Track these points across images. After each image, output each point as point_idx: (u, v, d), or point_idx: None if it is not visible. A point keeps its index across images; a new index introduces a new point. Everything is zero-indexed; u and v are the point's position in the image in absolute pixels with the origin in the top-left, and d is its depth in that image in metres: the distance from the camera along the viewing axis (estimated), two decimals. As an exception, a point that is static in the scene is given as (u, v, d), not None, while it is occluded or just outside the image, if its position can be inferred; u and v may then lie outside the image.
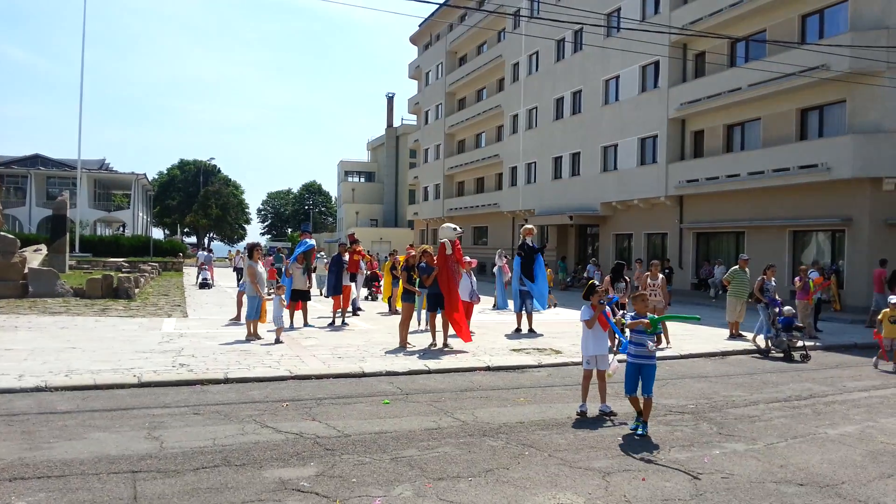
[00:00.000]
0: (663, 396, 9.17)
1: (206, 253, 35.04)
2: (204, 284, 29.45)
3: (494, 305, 21.08)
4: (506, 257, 20.46)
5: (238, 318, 15.83)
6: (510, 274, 19.87)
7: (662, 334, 13.49)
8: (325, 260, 23.01)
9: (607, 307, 8.11)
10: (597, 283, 8.10)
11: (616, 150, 33.92)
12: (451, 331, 13.00)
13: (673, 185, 29.96)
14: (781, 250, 25.76)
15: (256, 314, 13.25)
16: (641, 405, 7.32)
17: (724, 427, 7.68)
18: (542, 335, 14.76)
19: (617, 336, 8.30)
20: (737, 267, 15.36)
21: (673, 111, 29.94)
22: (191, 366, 10.16)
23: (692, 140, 30.35)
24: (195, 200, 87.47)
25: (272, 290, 14.59)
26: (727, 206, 28.08)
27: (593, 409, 8.07)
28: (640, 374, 7.34)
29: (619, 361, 8.38)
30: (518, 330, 15.13)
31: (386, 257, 25.04)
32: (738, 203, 27.50)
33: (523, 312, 15.27)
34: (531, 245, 15.26)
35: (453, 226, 13.10)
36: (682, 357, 12.64)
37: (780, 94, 25.50)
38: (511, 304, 20.73)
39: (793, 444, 7.05)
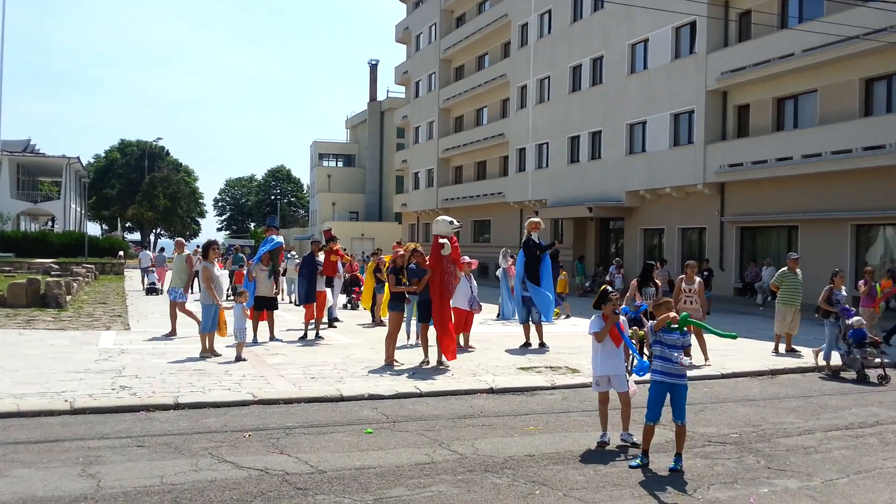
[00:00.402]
0: (700, 424, 9.19)
1: (150, 253, 35.34)
2: (151, 290, 29.73)
3: (499, 315, 21.10)
4: (512, 257, 20.44)
5: (173, 332, 15.71)
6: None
7: (701, 349, 13.51)
8: (297, 261, 23.00)
9: (622, 318, 8.03)
10: (610, 289, 8.03)
11: (644, 128, 33.99)
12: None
13: (712, 171, 30.03)
14: (842, 248, 25.84)
15: (213, 326, 13.22)
16: (674, 434, 7.33)
17: (773, 460, 7.70)
18: (548, 350, 14.77)
19: (631, 354, 8.28)
20: (785, 269, 15.38)
21: (712, 82, 30.01)
22: (134, 388, 10.13)
23: (735, 116, 30.42)
24: (139, 189, 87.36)
25: (231, 297, 14.58)
26: (777, 195, 28.16)
27: (617, 439, 8.08)
28: (671, 396, 7.33)
29: (636, 382, 8.39)
30: (527, 344, 15.14)
31: (368, 257, 25.05)
32: (791, 192, 27.57)
33: (531, 323, 15.29)
34: (537, 242, 15.25)
35: (449, 219, 13.07)
36: (723, 376, 12.66)
37: (841, 61, 25.57)
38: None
39: (856, 481, 7.06)
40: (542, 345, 15.11)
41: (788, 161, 26.79)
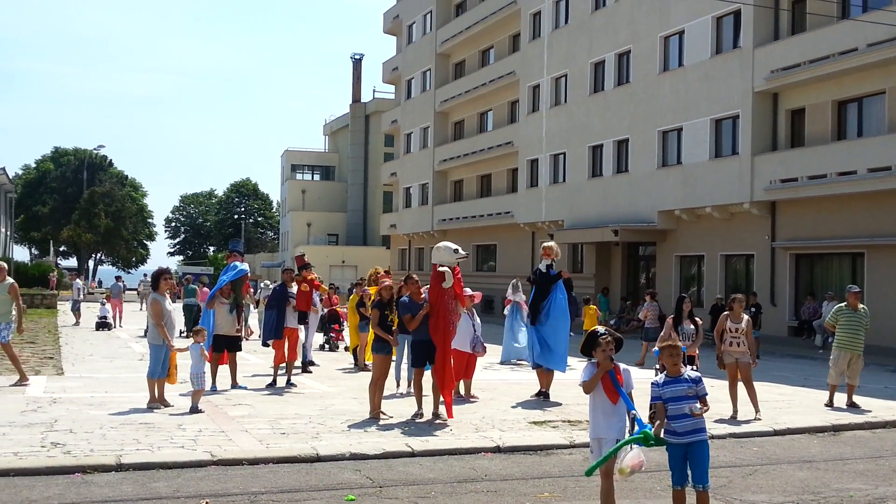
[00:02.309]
0: (749, 490, 9.15)
1: (81, 283, 35.82)
2: (102, 324, 30.30)
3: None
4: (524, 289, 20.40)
5: (23, 379, 15.42)
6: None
7: (751, 400, 13.48)
8: (267, 292, 23.01)
9: (622, 366, 7.50)
10: (601, 330, 7.51)
11: (680, 136, 34.14)
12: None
13: (761, 187, 30.13)
14: (917, 280, 25.87)
15: (163, 371, 13.19)
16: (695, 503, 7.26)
17: (838, 535, 7.65)
18: (549, 399, 14.74)
19: (630, 414, 7.33)
20: (843, 304, 15.36)
21: (760, 82, 30.20)
22: (68, 445, 10.07)
23: (788, 122, 30.57)
24: (76, 207, 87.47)
25: (186, 335, 14.54)
26: (839, 216, 28.22)
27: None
28: (689, 456, 7.22)
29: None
30: (541, 394, 15.13)
31: (351, 289, 25.06)
32: (855, 212, 27.64)
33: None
34: (544, 271, 15.26)
35: (454, 246, 12.98)
36: (775, 433, 12.62)
37: (912, 58, 25.75)
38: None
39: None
40: (543, 394, 15.06)
41: (852, 175, 26.88)
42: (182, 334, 23.27)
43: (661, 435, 7.17)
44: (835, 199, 28.19)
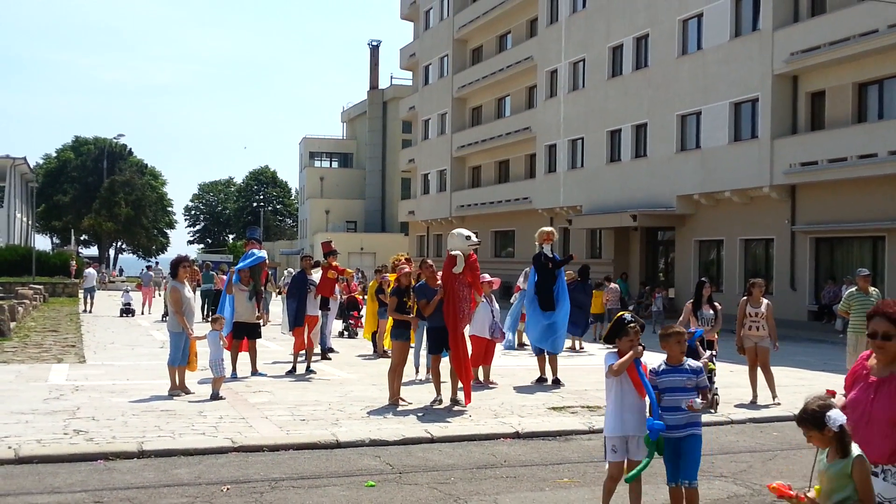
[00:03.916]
0: (770, 475, 9.10)
1: (94, 271, 36.71)
2: (126, 311, 30.91)
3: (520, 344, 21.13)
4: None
5: None
6: None
7: (769, 385, 13.43)
8: (289, 280, 23.08)
9: (643, 360, 7.11)
10: (628, 317, 7.19)
11: (699, 120, 33.95)
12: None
13: (781, 171, 29.94)
14: (939, 263, 25.67)
15: (183, 359, 13.27)
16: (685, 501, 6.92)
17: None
18: (563, 386, 14.72)
19: (649, 401, 6.96)
20: (854, 289, 15.25)
21: (780, 64, 29.97)
22: (90, 433, 10.15)
23: (808, 105, 30.34)
24: (96, 196, 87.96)
25: (204, 320, 14.58)
26: (859, 199, 28.02)
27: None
28: (680, 449, 6.86)
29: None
30: (542, 380, 15.12)
31: (359, 275, 25.05)
32: (875, 195, 27.43)
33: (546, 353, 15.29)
34: (550, 256, 15.21)
35: (467, 233, 13.05)
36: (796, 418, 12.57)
37: (934, 39, 25.49)
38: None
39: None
40: (556, 381, 15.05)
41: (873, 158, 26.67)
42: (204, 319, 23.39)
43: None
44: (855, 183, 27.98)
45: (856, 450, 4.73)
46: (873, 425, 4.95)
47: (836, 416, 4.71)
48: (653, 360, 7.15)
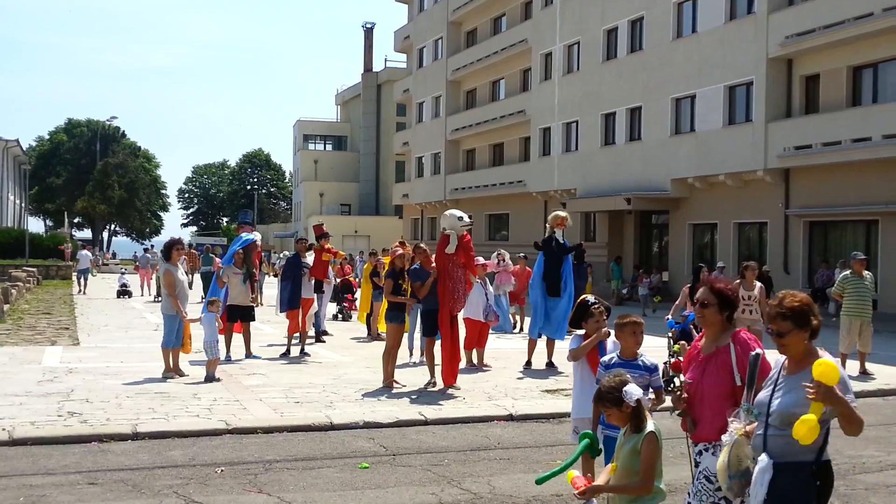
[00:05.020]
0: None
1: (87, 253, 37.17)
2: (123, 292, 31.33)
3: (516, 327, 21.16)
4: (524, 257, 20.39)
5: None
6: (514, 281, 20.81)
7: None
8: (281, 262, 23.09)
9: (607, 343, 7.00)
10: (591, 299, 7.12)
11: (693, 103, 33.91)
12: (463, 362, 12.99)
13: (775, 154, 29.94)
14: (931, 247, 25.73)
15: (177, 341, 13.27)
16: None
17: (850, 501, 7.68)
18: (557, 370, 14.74)
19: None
20: (848, 272, 15.29)
21: (775, 47, 29.91)
22: (84, 415, 10.17)
23: (802, 89, 30.32)
24: (89, 178, 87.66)
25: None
26: (853, 183, 28.04)
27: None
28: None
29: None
30: (529, 363, 15.15)
31: (351, 258, 25.03)
32: (869, 178, 27.45)
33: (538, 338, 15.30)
34: (561, 242, 15.19)
35: (459, 213, 13.02)
36: (788, 400, 12.62)
37: (929, 23, 25.47)
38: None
39: (949, 526, 7.02)
40: (549, 364, 15.05)
41: (867, 142, 26.67)
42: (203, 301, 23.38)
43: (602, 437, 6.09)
44: (849, 166, 28.00)
45: (650, 426, 4.76)
46: (705, 402, 5.05)
47: (633, 391, 4.76)
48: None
